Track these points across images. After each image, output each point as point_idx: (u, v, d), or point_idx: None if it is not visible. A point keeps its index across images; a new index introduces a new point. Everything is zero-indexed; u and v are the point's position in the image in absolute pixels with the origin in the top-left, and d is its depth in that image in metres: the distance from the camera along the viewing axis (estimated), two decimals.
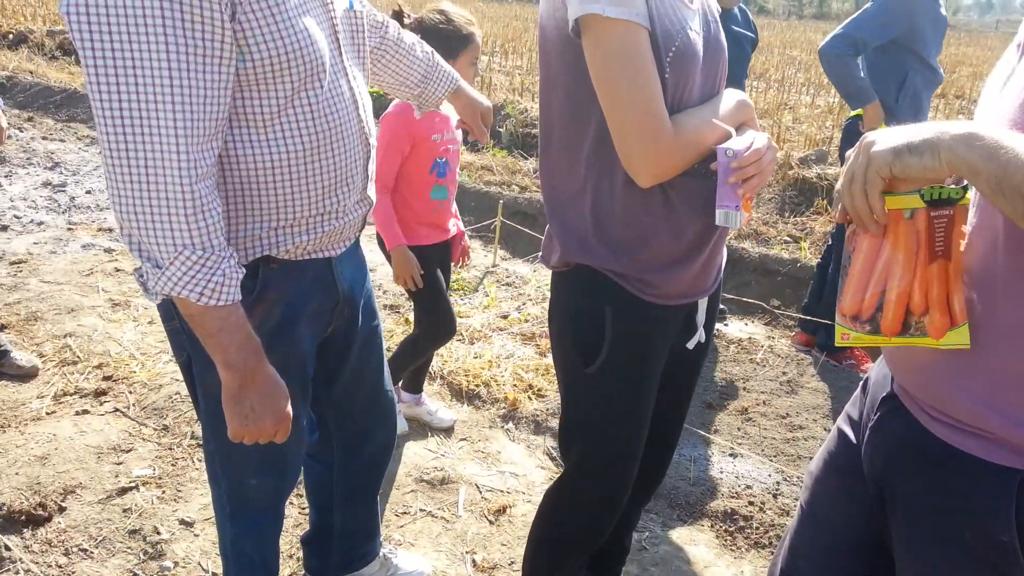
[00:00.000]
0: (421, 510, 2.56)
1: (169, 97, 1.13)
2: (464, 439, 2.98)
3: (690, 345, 1.61)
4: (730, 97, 1.47)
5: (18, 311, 3.71)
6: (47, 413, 2.92)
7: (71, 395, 3.06)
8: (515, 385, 3.33)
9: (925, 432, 1.07)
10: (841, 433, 1.30)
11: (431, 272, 2.66)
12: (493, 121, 2.63)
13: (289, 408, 1.38)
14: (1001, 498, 0.98)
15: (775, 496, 2.75)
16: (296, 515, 2.47)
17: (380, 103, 8.38)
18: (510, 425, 3.10)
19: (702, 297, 1.56)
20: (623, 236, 1.44)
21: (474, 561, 2.36)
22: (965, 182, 0.96)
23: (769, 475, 2.88)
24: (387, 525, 2.47)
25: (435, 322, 2.74)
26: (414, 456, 2.82)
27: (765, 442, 3.10)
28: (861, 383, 1.34)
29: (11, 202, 5.32)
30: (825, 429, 3.20)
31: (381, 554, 2.12)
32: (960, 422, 1.02)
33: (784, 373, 3.68)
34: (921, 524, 1.08)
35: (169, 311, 1.44)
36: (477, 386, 3.30)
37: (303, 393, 1.59)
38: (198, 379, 1.51)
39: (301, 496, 2.47)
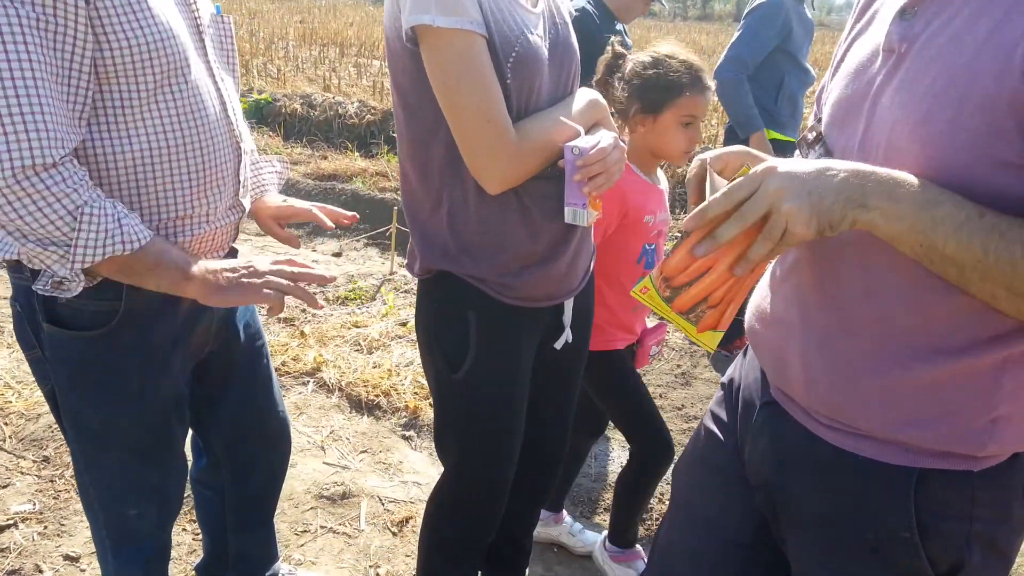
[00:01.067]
0: (322, 527, 2.51)
1: (15, 68, 1.10)
2: (365, 451, 2.94)
3: (557, 345, 1.63)
4: (582, 97, 1.49)
5: None
6: None
7: None
8: (416, 393, 3.31)
9: (813, 437, 1.07)
10: (709, 432, 1.30)
11: (630, 376, 2.18)
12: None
13: (264, 267, 1.37)
14: (900, 496, 1.00)
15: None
16: (190, 542, 2.38)
17: (268, 109, 8.19)
18: (411, 433, 3.07)
19: (568, 298, 1.58)
20: (481, 242, 1.44)
21: (378, 574, 2.33)
22: None
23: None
24: (287, 545, 2.41)
25: (656, 433, 2.14)
26: (313, 472, 2.77)
27: None
28: (722, 384, 1.33)
29: None
30: None
31: (281, 575, 2.06)
32: (852, 427, 1.03)
33: (679, 366, 3.78)
34: (822, 528, 1.08)
35: (29, 339, 1.38)
36: (377, 396, 3.26)
37: (179, 417, 1.54)
38: (64, 408, 1.44)
39: (195, 522, 2.39)
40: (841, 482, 1.05)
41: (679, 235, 1.04)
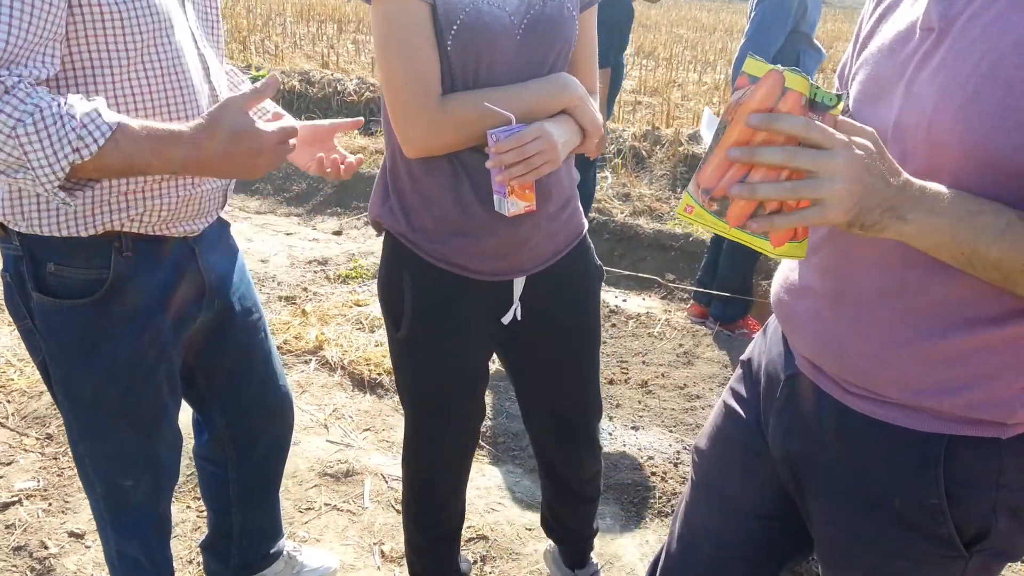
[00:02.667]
0: (326, 504, 2.52)
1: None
2: (368, 429, 2.94)
3: (505, 320, 1.62)
4: (550, 81, 1.44)
5: None
6: None
7: None
8: None
9: (841, 407, 1.07)
10: (730, 410, 1.30)
11: None
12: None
13: (266, 135, 1.25)
14: (929, 464, 1.01)
15: (676, 465, 2.83)
16: (194, 519, 2.39)
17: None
18: None
19: (516, 276, 1.57)
20: (410, 200, 1.49)
21: (382, 552, 2.34)
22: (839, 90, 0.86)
23: (670, 445, 2.96)
24: (291, 522, 2.41)
25: None
26: (316, 450, 2.77)
27: (665, 413, 3.18)
28: (742, 361, 1.34)
29: None
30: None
31: (285, 552, 2.07)
32: (883, 396, 1.03)
33: (681, 345, 3.78)
34: (846, 496, 1.09)
35: (20, 309, 1.38)
36: (379, 375, 3.26)
37: (171, 387, 1.55)
38: (56, 378, 1.44)
39: (199, 499, 2.39)
40: (869, 450, 1.06)
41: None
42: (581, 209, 1.68)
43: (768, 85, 0.83)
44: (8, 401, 2.92)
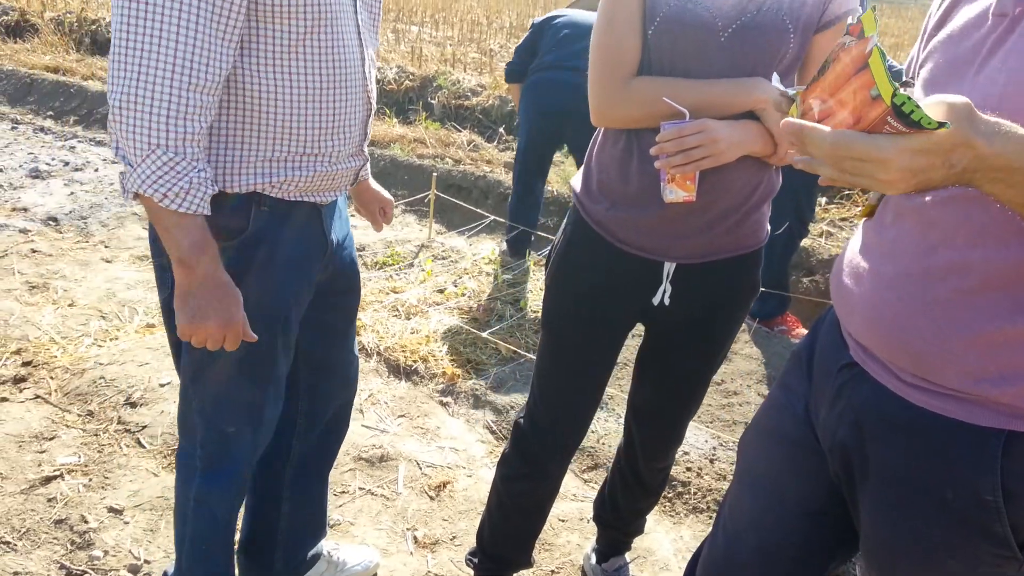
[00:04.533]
0: (360, 488, 2.53)
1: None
2: (403, 415, 2.95)
3: (654, 300, 1.67)
4: (740, 82, 1.48)
5: None
6: None
7: None
8: (453, 360, 3.31)
9: (896, 398, 1.06)
10: (779, 404, 1.29)
11: None
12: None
13: (240, 315, 1.42)
14: (986, 459, 0.98)
15: (712, 461, 2.80)
16: None
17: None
18: (449, 400, 3.08)
19: (668, 260, 1.62)
20: (593, 161, 1.66)
21: (415, 537, 2.34)
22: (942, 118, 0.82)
23: (706, 441, 2.92)
24: None
25: None
26: (352, 435, 2.77)
27: (702, 409, 3.14)
28: (793, 354, 1.33)
29: None
30: (759, 394, 3.27)
31: (325, 552, 2.07)
32: (942, 387, 1.01)
33: None
34: (897, 488, 1.07)
35: (158, 245, 1.46)
36: (415, 362, 3.26)
37: (285, 343, 1.61)
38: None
39: None
40: (923, 443, 1.03)
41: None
42: (765, 223, 1.68)
43: (863, 52, 0.83)
44: (51, 378, 2.97)
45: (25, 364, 3.04)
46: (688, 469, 2.74)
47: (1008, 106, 0.88)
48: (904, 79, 1.04)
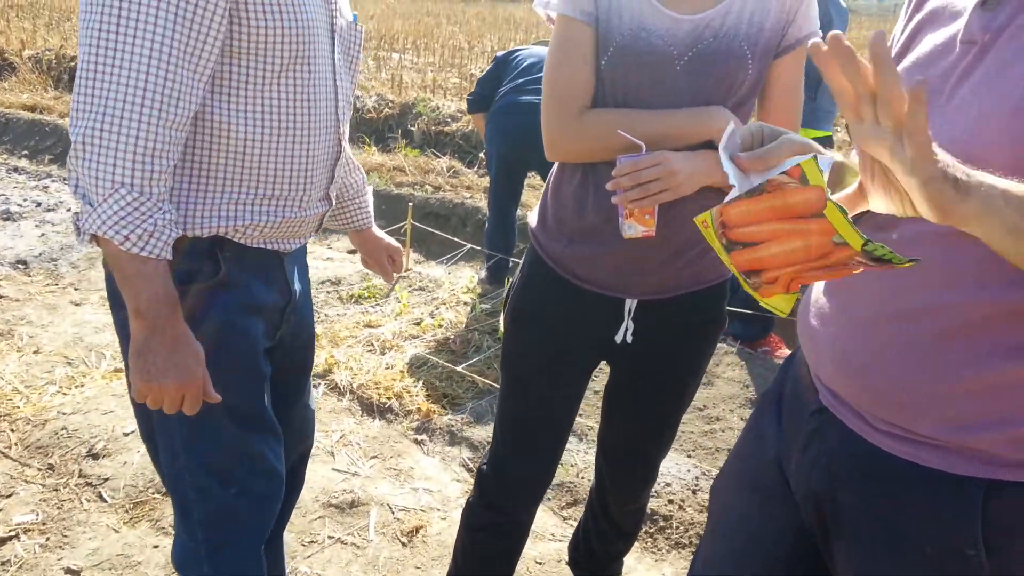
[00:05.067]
0: (330, 537, 2.44)
1: (157, 28, 1.17)
2: (375, 456, 2.86)
3: (616, 338, 1.60)
4: (696, 112, 1.42)
5: None
6: None
7: None
8: (428, 395, 3.22)
9: (869, 446, 1.00)
10: (750, 449, 1.24)
11: None
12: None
13: (199, 373, 1.30)
14: (966, 512, 0.92)
15: (694, 492, 2.72)
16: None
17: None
18: (424, 437, 2.99)
19: (629, 297, 1.57)
20: (549, 197, 1.60)
21: None
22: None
23: (688, 471, 2.84)
24: (293, 556, 2.33)
25: None
26: (321, 479, 2.69)
27: (683, 437, 3.07)
28: (763, 395, 1.28)
29: None
30: (742, 419, 3.19)
31: None
32: (917, 434, 0.95)
33: None
34: (873, 541, 1.02)
35: (118, 298, 1.33)
36: (388, 399, 3.18)
37: (264, 391, 1.49)
38: None
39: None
40: (899, 493, 0.97)
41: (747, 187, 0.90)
42: None
43: (813, 202, 0.83)
44: (12, 430, 2.88)
45: None
46: (670, 502, 2.66)
47: (980, 138, 0.84)
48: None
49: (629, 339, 1.60)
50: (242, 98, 1.31)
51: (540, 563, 2.36)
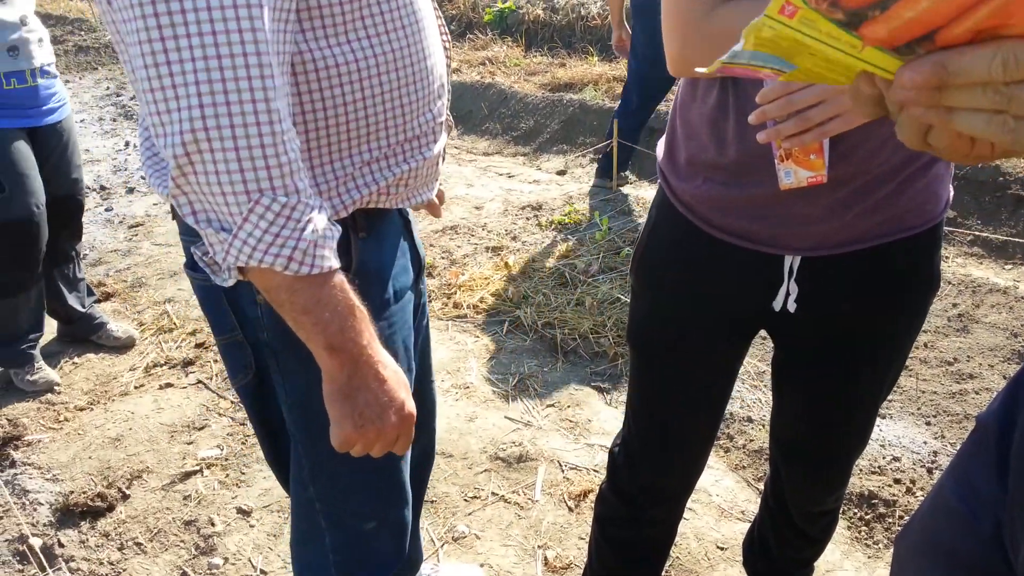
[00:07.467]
0: (493, 494, 2.27)
1: None
2: (552, 404, 2.64)
3: (775, 306, 1.22)
4: None
5: (126, 278, 3.73)
6: (135, 387, 2.87)
7: (162, 366, 3.00)
8: (619, 336, 2.93)
9: None
10: (954, 510, 0.85)
11: None
12: None
13: (412, 405, 1.06)
14: None
15: (930, 471, 2.22)
16: None
17: (512, 17, 7.91)
18: (607, 384, 2.72)
19: (789, 253, 1.17)
20: (676, 125, 1.25)
21: (546, 558, 2.05)
22: None
23: (925, 442, 2.33)
24: (454, 512, 2.20)
25: None
26: (492, 428, 2.52)
27: (923, 398, 2.53)
28: (979, 425, 0.85)
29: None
30: (1004, 378, 2.57)
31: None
32: None
33: (955, 305, 3.01)
34: None
35: (226, 320, 1.12)
36: (574, 339, 2.93)
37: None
38: (291, 402, 1.17)
39: None
40: None
41: None
42: (942, 189, 1.17)
43: None
44: (216, 361, 3.00)
45: (198, 346, 3.10)
46: (897, 481, 2.19)
47: None
48: None
49: (792, 307, 1.21)
50: (341, 28, 1.01)
51: (722, 548, 2.03)
